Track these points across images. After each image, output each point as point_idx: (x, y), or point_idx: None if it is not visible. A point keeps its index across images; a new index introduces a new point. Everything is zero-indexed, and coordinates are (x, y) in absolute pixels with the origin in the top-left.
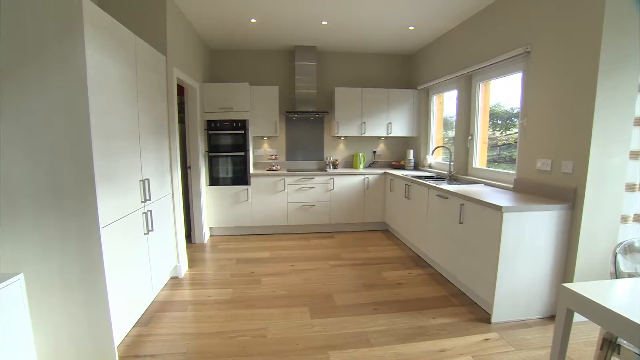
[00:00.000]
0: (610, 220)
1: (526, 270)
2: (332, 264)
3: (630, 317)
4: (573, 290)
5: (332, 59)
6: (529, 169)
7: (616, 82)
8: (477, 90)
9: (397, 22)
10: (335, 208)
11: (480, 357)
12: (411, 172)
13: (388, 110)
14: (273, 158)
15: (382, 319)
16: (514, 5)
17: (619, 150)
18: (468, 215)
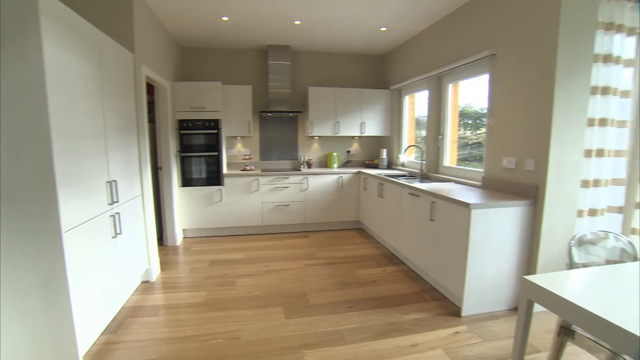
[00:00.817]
0: (568, 214)
1: (493, 264)
2: (306, 264)
3: (581, 305)
4: (532, 282)
5: (306, 58)
6: (495, 167)
7: (571, 85)
8: (447, 91)
9: (369, 23)
10: (309, 207)
11: (451, 350)
12: (384, 171)
13: (361, 110)
14: (247, 158)
15: (357, 316)
16: (479, 10)
17: (575, 149)
18: (438, 212)
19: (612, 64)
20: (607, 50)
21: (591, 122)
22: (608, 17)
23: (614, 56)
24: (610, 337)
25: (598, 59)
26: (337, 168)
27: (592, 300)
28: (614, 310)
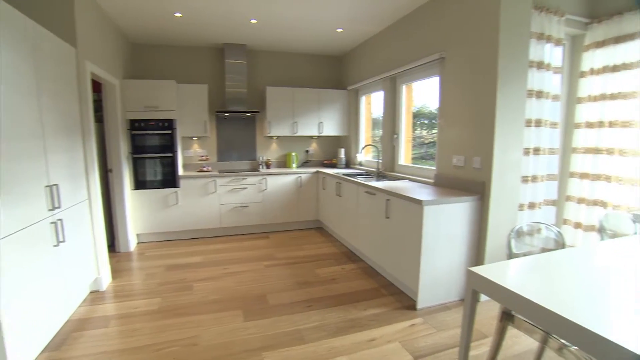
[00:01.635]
0: (511, 208)
1: (445, 257)
2: (266, 265)
3: (517, 292)
4: (476, 273)
5: (263, 57)
6: (446, 165)
7: (511, 89)
8: (401, 92)
9: (325, 24)
10: (269, 208)
11: (407, 342)
12: (342, 170)
13: (319, 110)
14: (204, 159)
15: (316, 315)
16: (430, 15)
17: (516, 147)
18: (393, 210)
19: (544, 70)
20: (540, 57)
21: (528, 122)
22: (539, 28)
23: (545, 63)
24: (542, 319)
25: (532, 65)
26: (296, 168)
27: (527, 286)
28: (545, 295)
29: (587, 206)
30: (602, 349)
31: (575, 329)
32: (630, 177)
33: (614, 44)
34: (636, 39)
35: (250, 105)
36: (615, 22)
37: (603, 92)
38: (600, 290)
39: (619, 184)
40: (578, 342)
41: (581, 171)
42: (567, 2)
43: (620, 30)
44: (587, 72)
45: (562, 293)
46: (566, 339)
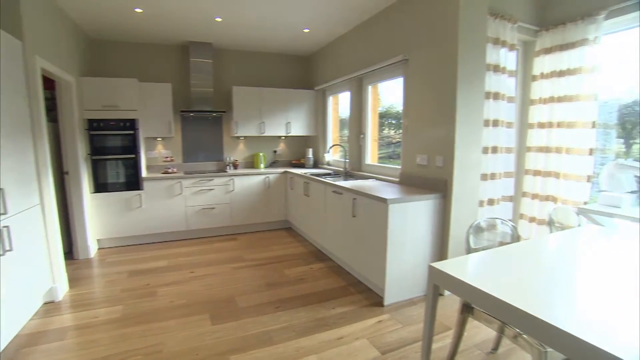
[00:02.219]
0: (471, 205)
1: (410, 254)
2: (234, 267)
3: (474, 285)
4: (436, 268)
5: (230, 57)
6: (411, 163)
7: (470, 90)
8: (367, 92)
9: (291, 24)
10: (236, 209)
11: (374, 338)
12: (310, 170)
13: (287, 110)
14: (168, 160)
15: (284, 315)
16: (394, 18)
17: (475, 146)
18: (360, 208)
19: (500, 73)
20: (496, 61)
21: (487, 122)
22: (495, 33)
23: (501, 66)
24: (496, 310)
25: (489, 68)
26: (264, 168)
27: (483, 279)
28: (499, 287)
29: (540, 201)
30: (548, 334)
31: (525, 317)
32: (576, 174)
33: (559, 51)
34: (578, 47)
35: (216, 105)
36: (560, 31)
37: (552, 94)
38: (548, 280)
39: (567, 180)
40: (527, 330)
41: (534, 168)
42: (519, 10)
43: (564, 39)
44: (538, 76)
45: (514, 284)
46: (517, 327)
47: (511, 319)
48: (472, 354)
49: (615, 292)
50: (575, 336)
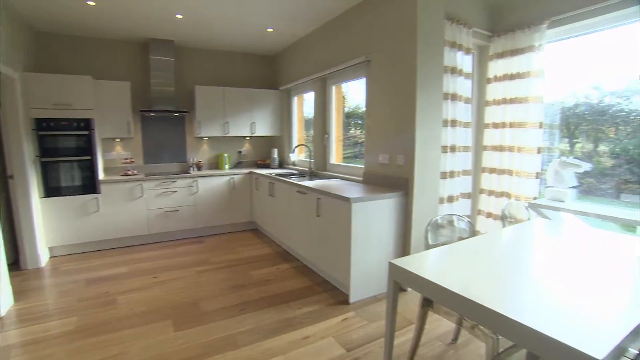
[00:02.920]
0: (432, 202)
1: (375, 251)
2: (199, 270)
3: (431, 279)
4: (396, 265)
5: (192, 55)
6: (373, 163)
7: (429, 91)
8: (331, 93)
9: (254, 23)
10: (201, 211)
11: (340, 336)
12: (276, 170)
13: (252, 110)
14: (128, 162)
15: (250, 318)
16: (356, 19)
17: (434, 145)
18: (324, 208)
19: (457, 75)
20: (453, 63)
21: (445, 122)
22: (452, 37)
23: (458, 69)
24: (453, 303)
25: (447, 70)
26: (229, 169)
27: (441, 274)
28: (456, 281)
29: (495, 197)
30: (498, 323)
31: (476, 308)
32: (527, 171)
33: (510, 55)
34: (526, 52)
35: (178, 105)
36: (510, 37)
37: (504, 96)
38: (500, 272)
39: (519, 177)
40: (479, 320)
41: (490, 166)
42: (474, 17)
43: (514, 45)
44: (492, 78)
45: (469, 277)
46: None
47: (465, 311)
48: (434, 346)
49: (561, 281)
50: (521, 323)
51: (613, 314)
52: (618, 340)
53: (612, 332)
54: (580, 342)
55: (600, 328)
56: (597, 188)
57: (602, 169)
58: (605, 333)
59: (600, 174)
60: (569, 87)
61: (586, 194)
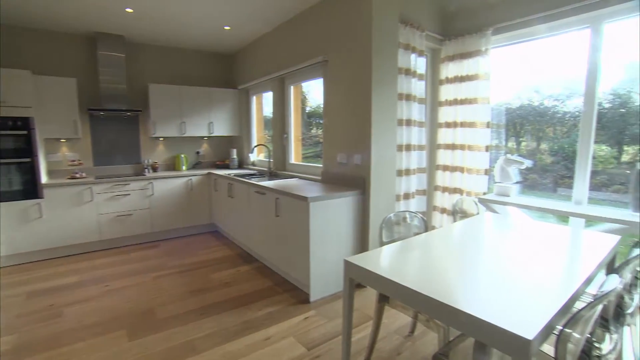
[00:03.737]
0: (389, 200)
1: (333, 250)
2: (155, 276)
3: (385, 275)
4: (350, 262)
5: (146, 52)
6: (332, 162)
7: (384, 92)
8: (289, 92)
9: (211, 20)
10: (157, 214)
11: (300, 335)
12: (235, 170)
13: (209, 110)
14: (76, 164)
15: (210, 322)
16: (313, 20)
17: (390, 144)
18: (282, 208)
19: (411, 76)
20: (407, 65)
21: (400, 122)
22: (405, 39)
23: (412, 70)
24: (405, 297)
25: (401, 71)
26: (187, 170)
27: (394, 269)
28: (407, 275)
29: (449, 194)
30: (447, 315)
31: (426, 300)
32: (477, 168)
33: (460, 59)
34: (474, 56)
35: (131, 104)
36: (460, 41)
37: (455, 97)
38: (450, 265)
39: (470, 174)
40: (429, 311)
41: (444, 164)
42: (426, 20)
43: (463, 49)
44: (444, 80)
45: (421, 272)
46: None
47: (416, 304)
48: (392, 339)
49: (505, 270)
50: (463, 312)
51: (545, 297)
52: (546, 321)
53: (543, 314)
54: (515, 325)
55: (534, 310)
56: (540, 183)
57: (543, 165)
58: (537, 315)
59: (541, 170)
60: (513, 90)
61: (530, 189)
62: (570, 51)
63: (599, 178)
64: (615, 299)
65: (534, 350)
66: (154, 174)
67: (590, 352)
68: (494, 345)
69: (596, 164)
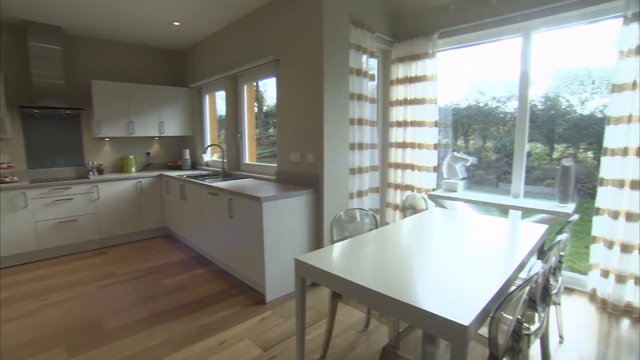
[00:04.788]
0: (342, 197)
1: (288, 249)
2: (102, 285)
3: (335, 273)
4: (301, 261)
5: (88, 45)
6: (286, 161)
7: (336, 91)
8: (243, 91)
9: (158, 15)
10: (104, 219)
11: (257, 336)
12: (188, 171)
13: (160, 109)
14: (5, 167)
15: (163, 329)
16: (265, 18)
17: (342, 143)
18: (236, 208)
19: (362, 77)
20: (359, 65)
21: (352, 121)
22: (357, 40)
23: (363, 71)
24: (355, 293)
25: (353, 72)
26: (136, 172)
27: (344, 267)
28: (357, 272)
29: (401, 191)
30: (399, 310)
31: (376, 296)
32: (426, 165)
33: (409, 60)
34: (422, 58)
35: (71, 101)
36: (409, 44)
37: (405, 97)
38: (398, 260)
39: (419, 171)
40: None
41: (395, 162)
42: (377, 23)
43: (412, 51)
44: (394, 80)
45: (370, 268)
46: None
47: (366, 299)
48: (348, 334)
49: (451, 261)
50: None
51: (483, 285)
52: (482, 307)
53: (479, 300)
54: (454, 313)
55: (472, 298)
56: (485, 179)
57: (488, 162)
58: (474, 302)
59: (487, 167)
60: (462, 91)
61: (477, 184)
62: (508, 57)
63: (535, 173)
64: (542, 282)
65: (471, 335)
66: (100, 177)
67: (520, 331)
68: (436, 334)
69: (533, 160)
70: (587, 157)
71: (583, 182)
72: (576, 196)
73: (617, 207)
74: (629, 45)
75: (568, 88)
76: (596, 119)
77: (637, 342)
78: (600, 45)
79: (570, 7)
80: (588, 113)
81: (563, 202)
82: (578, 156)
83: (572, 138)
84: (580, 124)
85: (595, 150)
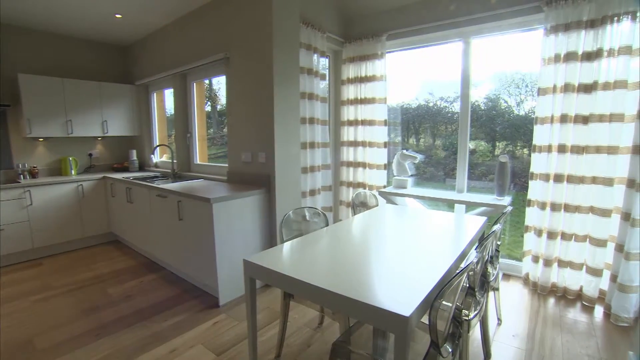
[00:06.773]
0: (295, 196)
1: (241, 250)
2: (37, 299)
3: (283, 272)
4: (249, 262)
5: (15, 36)
6: (236, 161)
7: (286, 91)
8: (192, 89)
9: (96, 6)
10: (39, 228)
11: (210, 341)
12: (135, 173)
13: (102, 107)
14: None
15: (107, 342)
16: (214, 15)
17: (294, 142)
18: (186, 211)
19: (313, 76)
20: (309, 65)
21: (303, 120)
22: (307, 40)
23: (314, 70)
24: (304, 292)
25: (303, 71)
26: (77, 175)
27: (292, 266)
28: (305, 270)
29: (353, 188)
30: (346, 306)
31: (324, 294)
32: (377, 163)
33: (359, 61)
34: (371, 59)
35: None
36: (358, 44)
37: (356, 96)
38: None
39: (371, 169)
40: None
41: (347, 160)
42: (327, 23)
43: (362, 51)
44: (346, 80)
45: (319, 266)
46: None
47: (313, 297)
48: (302, 332)
49: (399, 256)
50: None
51: (425, 276)
52: (422, 297)
53: (420, 291)
54: (398, 305)
55: (414, 290)
56: (435, 175)
57: (438, 159)
58: (416, 293)
59: (437, 164)
60: (412, 91)
61: (428, 181)
62: (453, 59)
63: (480, 169)
64: (480, 270)
65: (413, 325)
66: (32, 181)
67: (460, 317)
68: (382, 327)
69: (477, 157)
70: (523, 154)
71: (520, 177)
72: (513, 189)
73: (544, 198)
74: (549, 53)
75: (506, 90)
76: (530, 119)
77: (559, 317)
78: (531, 52)
79: (503, 17)
80: (523, 114)
81: (500, 195)
82: (516, 153)
83: (511, 136)
84: (517, 123)
85: (529, 148)
